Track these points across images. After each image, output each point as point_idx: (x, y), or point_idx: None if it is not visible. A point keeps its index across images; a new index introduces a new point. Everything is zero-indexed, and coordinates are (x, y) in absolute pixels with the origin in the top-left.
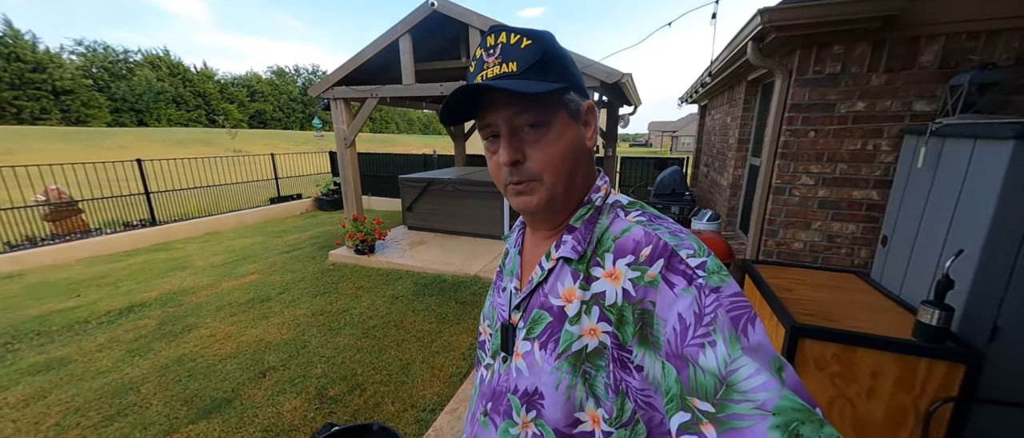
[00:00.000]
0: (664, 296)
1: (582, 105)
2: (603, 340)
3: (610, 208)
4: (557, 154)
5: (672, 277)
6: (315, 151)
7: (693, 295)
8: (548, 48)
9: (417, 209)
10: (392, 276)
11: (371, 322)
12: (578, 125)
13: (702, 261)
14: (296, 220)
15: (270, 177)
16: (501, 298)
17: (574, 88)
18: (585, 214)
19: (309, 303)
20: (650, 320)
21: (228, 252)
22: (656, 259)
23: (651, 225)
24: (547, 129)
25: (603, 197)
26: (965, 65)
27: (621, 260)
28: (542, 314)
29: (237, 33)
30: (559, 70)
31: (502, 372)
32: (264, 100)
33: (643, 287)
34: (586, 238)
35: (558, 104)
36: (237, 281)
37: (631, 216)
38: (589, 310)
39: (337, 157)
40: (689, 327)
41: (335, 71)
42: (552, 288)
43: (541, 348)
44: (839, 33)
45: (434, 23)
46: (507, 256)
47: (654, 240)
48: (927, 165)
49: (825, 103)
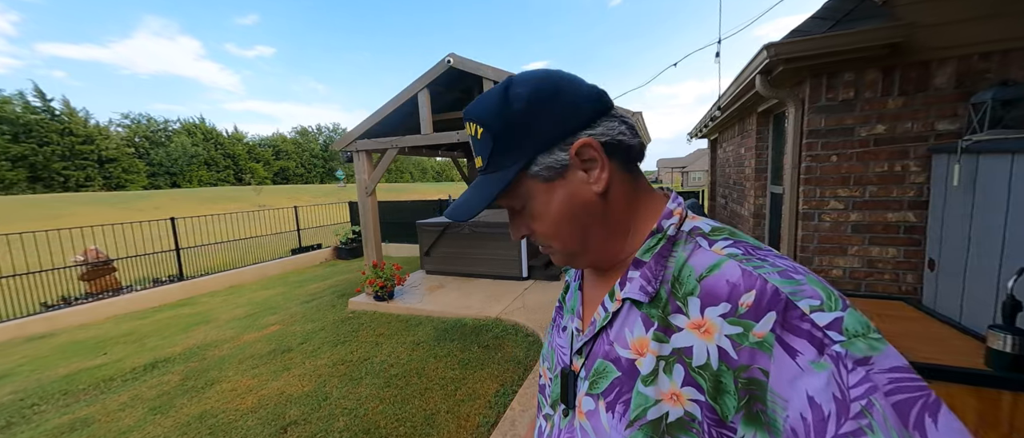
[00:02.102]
0: (782, 367)
1: (564, 159)
2: (690, 410)
3: (687, 236)
4: (550, 225)
5: (792, 340)
6: (334, 202)
7: (829, 371)
8: (497, 129)
9: (435, 253)
10: (412, 322)
11: (392, 370)
12: (568, 180)
13: (835, 318)
14: (316, 269)
15: (292, 229)
16: (561, 338)
17: (542, 150)
18: (655, 245)
19: (330, 352)
20: (761, 394)
21: (250, 304)
22: (764, 312)
23: (750, 260)
24: (530, 206)
25: (677, 224)
26: (982, 84)
27: (712, 308)
28: (607, 366)
29: (266, 100)
30: (513, 148)
31: (563, 428)
32: (288, 158)
33: (748, 349)
34: (657, 275)
35: (523, 181)
36: (259, 333)
37: (718, 247)
38: (669, 369)
39: (358, 206)
40: (827, 419)
41: (357, 126)
42: (618, 335)
43: (608, 409)
44: (847, 61)
45: (450, 77)
46: (567, 290)
47: (758, 283)
48: (963, 183)
49: (843, 128)
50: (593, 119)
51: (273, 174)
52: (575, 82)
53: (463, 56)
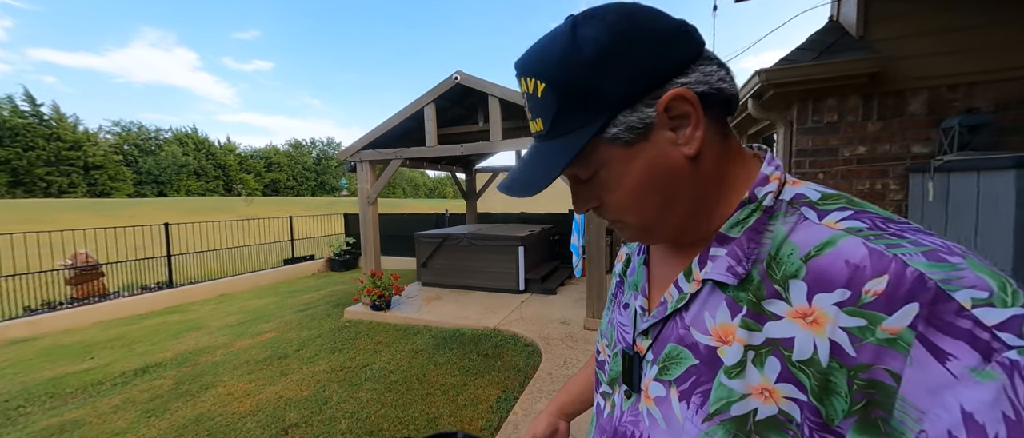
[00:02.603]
0: (923, 371)
1: (650, 117)
2: (787, 409)
3: (789, 206)
4: (627, 197)
5: (941, 340)
6: (327, 214)
7: (1000, 383)
8: (567, 87)
9: (432, 265)
10: (410, 331)
11: (392, 376)
12: (654, 141)
13: (1013, 315)
14: (309, 280)
15: (284, 239)
16: (623, 316)
17: (624, 105)
18: (747, 218)
19: (327, 359)
20: (886, 401)
21: (242, 312)
22: (901, 302)
23: (880, 236)
24: (603, 174)
25: (775, 192)
26: (951, 112)
27: (824, 295)
28: (682, 351)
29: (261, 112)
30: (586, 106)
31: (626, 409)
32: (280, 170)
33: (873, 346)
34: (749, 254)
35: (598, 144)
36: (253, 339)
37: (832, 219)
38: (760, 361)
39: (359, 215)
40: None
41: (362, 138)
42: (696, 319)
43: (682, 399)
44: (831, 88)
45: (456, 93)
46: (628, 264)
47: (892, 266)
48: (938, 199)
49: (829, 148)
50: (685, 64)
51: (264, 186)
52: (659, 16)
53: (469, 73)
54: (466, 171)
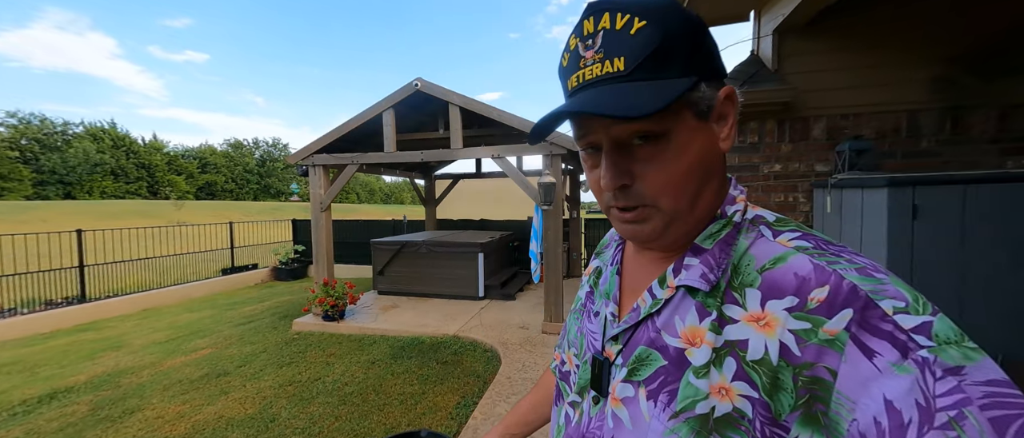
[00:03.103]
0: (854, 366)
1: (717, 98)
2: (740, 406)
3: (750, 225)
4: (678, 173)
5: (870, 340)
6: (272, 219)
7: (913, 376)
8: (670, 27)
9: (389, 273)
10: (365, 341)
11: (347, 388)
12: (709, 125)
13: (922, 322)
14: (251, 291)
15: (222, 247)
16: (593, 324)
17: (708, 77)
18: (719, 232)
19: (274, 374)
20: (825, 395)
21: (172, 328)
22: (838, 308)
23: (822, 254)
24: (665, 141)
25: (742, 211)
26: (843, 137)
27: (775, 302)
28: (652, 354)
29: (194, 108)
30: (685, 57)
31: (593, 416)
32: (217, 171)
33: (815, 346)
34: (721, 264)
35: (682, 106)
36: (186, 357)
37: (784, 238)
38: (720, 362)
39: (311, 221)
40: (907, 425)
41: (316, 140)
42: (667, 323)
43: (649, 398)
44: (753, 113)
45: (417, 100)
46: (600, 275)
47: (832, 279)
48: (834, 210)
49: (752, 165)
50: (726, 74)
51: (197, 189)
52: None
53: (430, 80)
54: (425, 177)
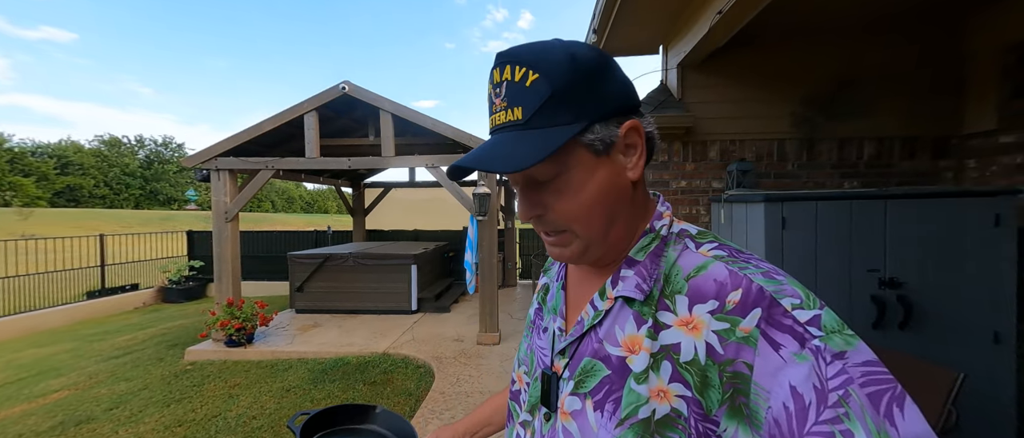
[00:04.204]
0: (766, 359)
1: (618, 134)
2: (677, 406)
3: (676, 238)
4: (583, 205)
5: (776, 334)
6: (162, 231)
7: (810, 363)
8: (560, 80)
9: (310, 289)
10: (278, 367)
11: (255, 423)
12: (612, 159)
13: (814, 315)
14: (129, 317)
15: (88, 264)
16: (542, 340)
17: (605, 117)
18: (649, 245)
19: (159, 414)
20: (745, 387)
21: (11, 368)
22: (750, 308)
23: (734, 262)
24: (567, 177)
25: (668, 225)
26: (732, 159)
27: (700, 306)
28: (596, 365)
29: (52, 96)
30: (576, 104)
31: (545, 433)
32: (83, 173)
33: (734, 344)
34: (652, 274)
35: (576, 146)
36: (31, 403)
37: (705, 249)
38: (657, 366)
39: (213, 232)
40: (808, 407)
41: (223, 141)
42: (609, 333)
43: (596, 408)
44: (663, 135)
45: (344, 104)
46: (547, 292)
47: (743, 283)
48: (726, 221)
49: (662, 181)
50: (637, 107)
51: (53, 193)
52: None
53: (359, 84)
54: (353, 185)
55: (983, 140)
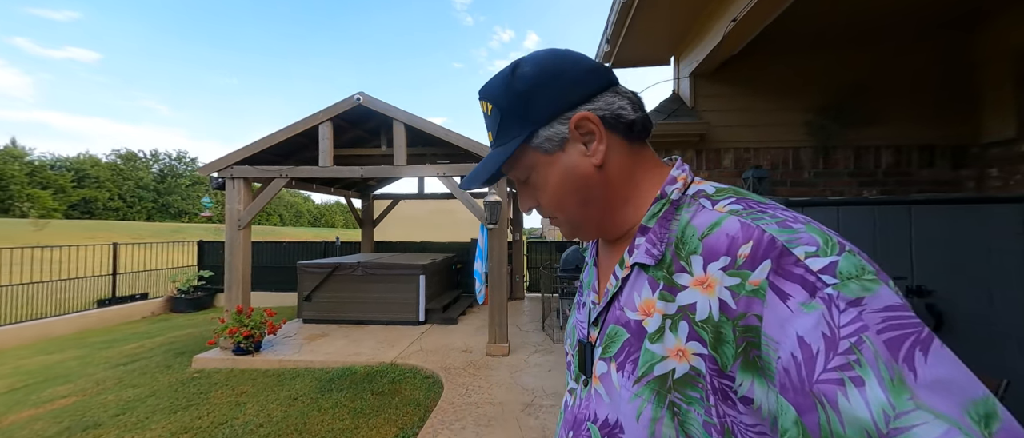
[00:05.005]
0: (774, 310)
1: (564, 132)
2: (695, 365)
3: (690, 199)
4: (551, 195)
5: (784, 284)
6: (172, 242)
7: (820, 311)
8: (503, 104)
9: (318, 298)
10: (285, 376)
11: (262, 430)
12: (568, 152)
13: (831, 262)
14: (137, 325)
15: (100, 273)
16: (581, 314)
17: (545, 122)
18: (658, 211)
19: (165, 421)
20: (756, 340)
21: (19, 374)
22: (760, 260)
23: (750, 214)
24: (534, 176)
25: (681, 188)
26: (746, 166)
27: (713, 264)
28: (618, 330)
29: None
30: (519, 119)
31: (583, 397)
32: (98, 186)
33: (745, 297)
34: (662, 238)
35: (526, 151)
36: (38, 409)
37: (721, 205)
38: (675, 326)
39: (226, 241)
40: (817, 355)
41: (239, 150)
42: (628, 300)
43: (619, 370)
44: (675, 143)
45: (358, 114)
46: (586, 269)
47: (755, 234)
48: None
49: None
50: (594, 94)
51: (69, 206)
52: (579, 59)
53: (373, 96)
54: (363, 197)
55: (1004, 149)
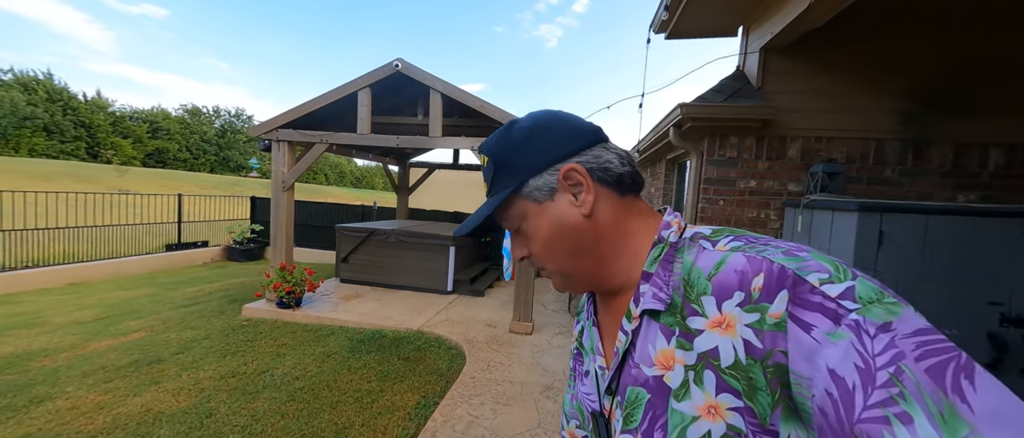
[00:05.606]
0: (798, 343)
1: (553, 183)
2: (733, 422)
3: (689, 242)
4: (541, 244)
5: (804, 314)
6: (230, 195)
7: (848, 340)
8: (496, 157)
9: (354, 260)
10: (322, 332)
11: (298, 383)
12: (557, 202)
13: (847, 287)
14: (198, 270)
15: (168, 220)
16: (586, 385)
17: (535, 172)
18: (658, 255)
19: (216, 364)
20: (785, 378)
21: (101, 306)
22: (776, 291)
23: (752, 247)
24: (525, 226)
25: (677, 232)
26: (816, 159)
27: (728, 302)
28: (638, 392)
29: (148, 67)
30: (510, 171)
31: None
32: (169, 138)
33: (769, 333)
34: (667, 281)
35: (515, 200)
36: (114, 340)
37: (722, 244)
38: (700, 378)
39: (271, 200)
40: (853, 390)
41: (283, 114)
42: (642, 354)
43: None
44: (734, 128)
45: (396, 81)
46: (582, 333)
47: (764, 265)
48: (804, 229)
49: (728, 179)
50: (583, 149)
51: (145, 155)
52: (571, 118)
53: (412, 63)
54: (400, 163)
55: None
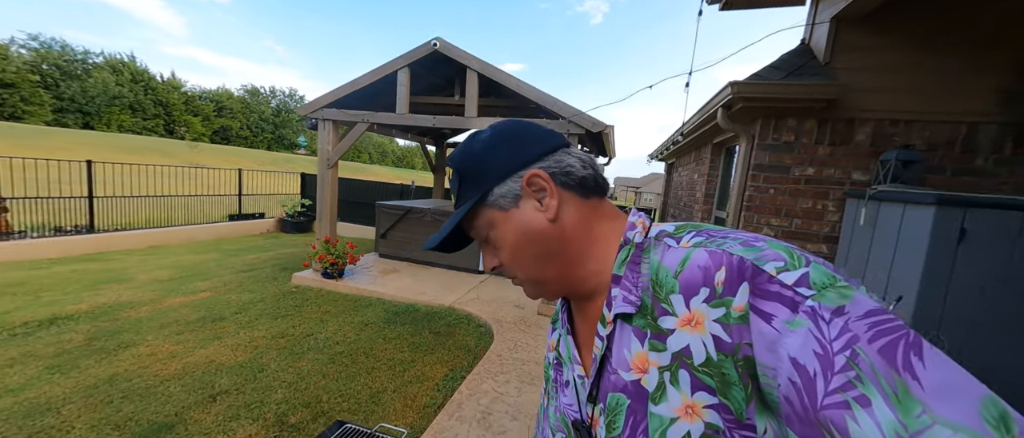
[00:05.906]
0: (760, 334)
1: (517, 189)
2: (710, 420)
3: (654, 241)
4: (509, 252)
5: (764, 304)
6: (282, 171)
7: (806, 327)
8: (461, 169)
9: (392, 237)
10: (361, 302)
11: (338, 348)
12: (522, 208)
13: (802, 274)
14: (255, 240)
15: (230, 193)
16: (567, 396)
17: (499, 180)
18: (625, 257)
19: (268, 325)
20: (753, 370)
21: (175, 267)
22: (738, 283)
23: (712, 242)
24: (493, 235)
25: (642, 232)
26: (890, 145)
27: (695, 298)
28: (619, 398)
29: (213, 50)
30: (474, 181)
31: None
32: (232, 117)
33: (736, 327)
34: (636, 283)
35: (481, 210)
36: (185, 298)
37: (685, 240)
38: (675, 378)
39: (317, 177)
40: (815, 378)
41: (326, 94)
42: (618, 359)
43: None
44: (793, 109)
45: (433, 61)
46: (559, 342)
47: (724, 258)
48: (867, 223)
49: (782, 166)
50: (545, 154)
51: (212, 132)
52: (531, 126)
53: (449, 42)
54: (437, 143)
55: None
